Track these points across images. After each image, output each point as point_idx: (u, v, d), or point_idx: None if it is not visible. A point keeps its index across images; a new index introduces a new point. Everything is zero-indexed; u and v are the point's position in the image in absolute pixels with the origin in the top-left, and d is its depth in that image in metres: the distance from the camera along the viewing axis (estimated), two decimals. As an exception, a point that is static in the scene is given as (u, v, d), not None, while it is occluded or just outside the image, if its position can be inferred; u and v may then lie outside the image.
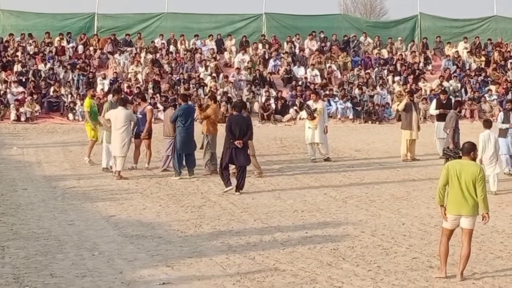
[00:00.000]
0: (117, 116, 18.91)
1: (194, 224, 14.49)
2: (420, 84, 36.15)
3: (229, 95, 33.47)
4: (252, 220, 14.97)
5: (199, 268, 11.60)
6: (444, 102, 22.98)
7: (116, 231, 13.96)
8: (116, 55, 37.03)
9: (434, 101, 23.64)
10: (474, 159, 11.33)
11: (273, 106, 33.43)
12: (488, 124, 18.16)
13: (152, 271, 11.43)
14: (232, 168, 18.11)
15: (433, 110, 23.31)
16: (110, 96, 21.80)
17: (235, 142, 17.34)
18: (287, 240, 13.44)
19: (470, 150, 11.31)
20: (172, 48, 38.56)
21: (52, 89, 32.89)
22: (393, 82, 36.64)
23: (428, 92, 35.30)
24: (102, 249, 12.61)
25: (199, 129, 20.23)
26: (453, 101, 23.33)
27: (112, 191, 17.74)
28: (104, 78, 34.52)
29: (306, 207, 16.19)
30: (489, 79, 37.06)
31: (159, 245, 12.96)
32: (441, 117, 22.11)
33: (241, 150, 17.47)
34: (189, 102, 21.26)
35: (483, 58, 39.09)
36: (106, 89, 33.22)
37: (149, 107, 20.86)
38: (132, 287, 10.67)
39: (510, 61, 38.71)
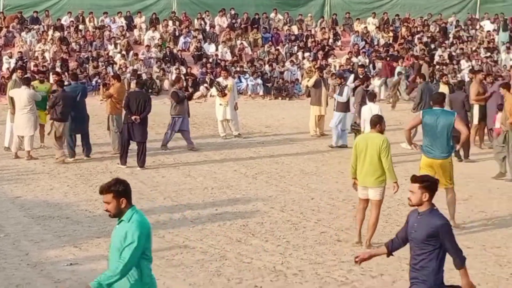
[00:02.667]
0: (21, 96, 18.45)
1: (102, 204, 14.30)
2: (330, 60, 36.45)
3: (139, 72, 33.14)
4: (162, 198, 14.92)
5: (108, 248, 11.47)
6: (361, 76, 23.22)
7: (22, 212, 13.73)
8: (23, 33, 36.18)
9: (352, 76, 23.95)
10: (381, 131, 11.62)
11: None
12: (371, 97, 18.62)
13: (59, 252, 11.30)
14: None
15: (350, 83, 23.59)
16: (14, 75, 21.22)
17: (132, 118, 17.49)
18: (197, 217, 13.46)
19: (376, 123, 11.68)
20: (81, 26, 37.88)
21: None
22: (303, 58, 36.86)
23: (337, 68, 35.61)
24: (8, 231, 12.40)
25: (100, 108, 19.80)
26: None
27: (18, 171, 17.38)
28: (11, 57, 33.65)
29: (216, 184, 16.21)
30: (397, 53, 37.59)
31: (66, 225, 12.80)
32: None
33: (138, 126, 17.57)
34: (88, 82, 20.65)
35: (391, 34, 39.68)
36: (11, 68, 32.45)
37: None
38: (38, 269, 10.53)
39: (417, 36, 39.39)
